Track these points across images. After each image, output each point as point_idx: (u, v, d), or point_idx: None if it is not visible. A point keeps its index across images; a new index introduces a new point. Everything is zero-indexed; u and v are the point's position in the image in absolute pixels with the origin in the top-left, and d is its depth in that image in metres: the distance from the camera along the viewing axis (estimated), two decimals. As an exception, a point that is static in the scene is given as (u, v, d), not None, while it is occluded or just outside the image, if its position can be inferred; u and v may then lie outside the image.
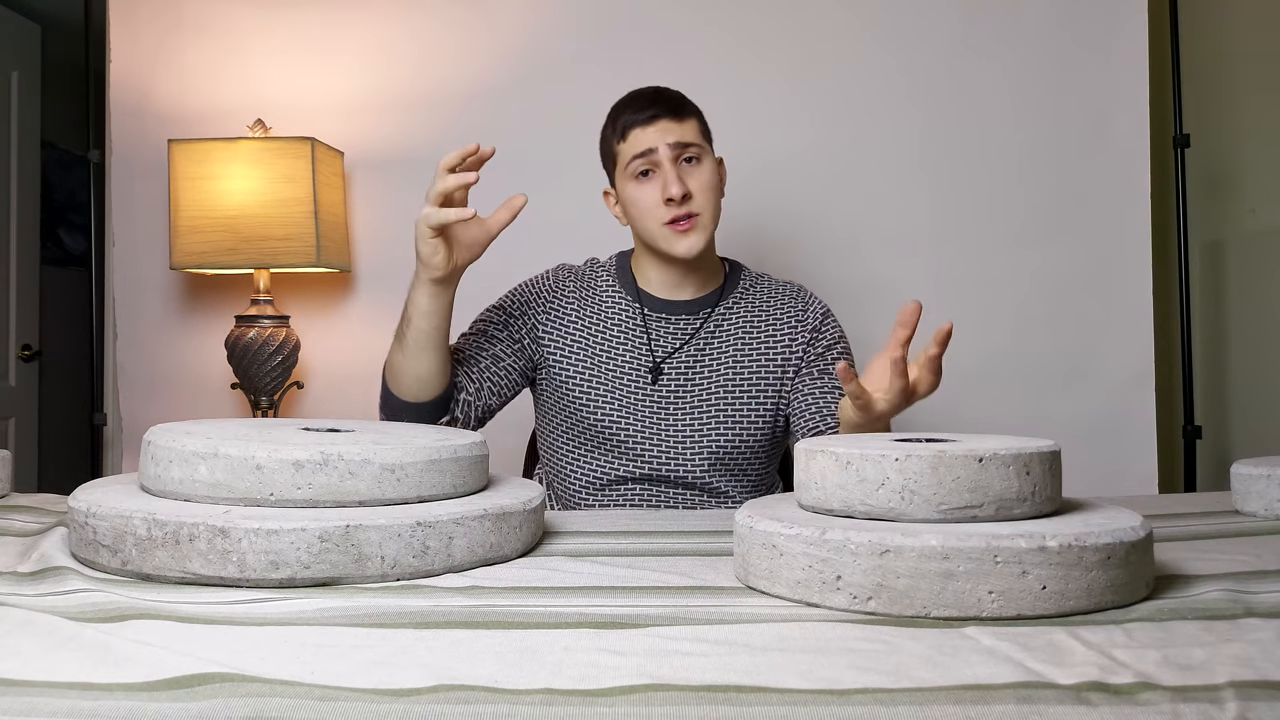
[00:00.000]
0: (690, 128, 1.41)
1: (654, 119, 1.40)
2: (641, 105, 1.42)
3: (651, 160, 1.39)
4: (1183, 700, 0.57)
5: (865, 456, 0.80)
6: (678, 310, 1.47)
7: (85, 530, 0.85)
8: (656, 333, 1.45)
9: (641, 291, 1.48)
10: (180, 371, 2.25)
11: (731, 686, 0.60)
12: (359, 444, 0.89)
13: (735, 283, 1.50)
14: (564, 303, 1.48)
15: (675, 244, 1.39)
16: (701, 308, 1.47)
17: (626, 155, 1.41)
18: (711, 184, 1.41)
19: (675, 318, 1.46)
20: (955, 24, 2.19)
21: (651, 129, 1.39)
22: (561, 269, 1.53)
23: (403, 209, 2.23)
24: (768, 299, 1.50)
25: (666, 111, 1.40)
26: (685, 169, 1.39)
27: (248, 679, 0.60)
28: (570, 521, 1.15)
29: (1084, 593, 0.73)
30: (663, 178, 1.38)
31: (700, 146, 1.41)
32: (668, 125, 1.39)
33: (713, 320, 1.46)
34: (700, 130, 1.43)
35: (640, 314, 1.47)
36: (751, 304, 1.49)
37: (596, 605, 0.76)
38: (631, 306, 1.47)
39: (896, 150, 2.20)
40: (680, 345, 1.45)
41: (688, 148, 1.40)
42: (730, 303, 1.48)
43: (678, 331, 1.46)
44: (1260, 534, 1.03)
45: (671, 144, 1.38)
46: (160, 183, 2.18)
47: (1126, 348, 2.17)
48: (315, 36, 2.25)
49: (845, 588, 0.74)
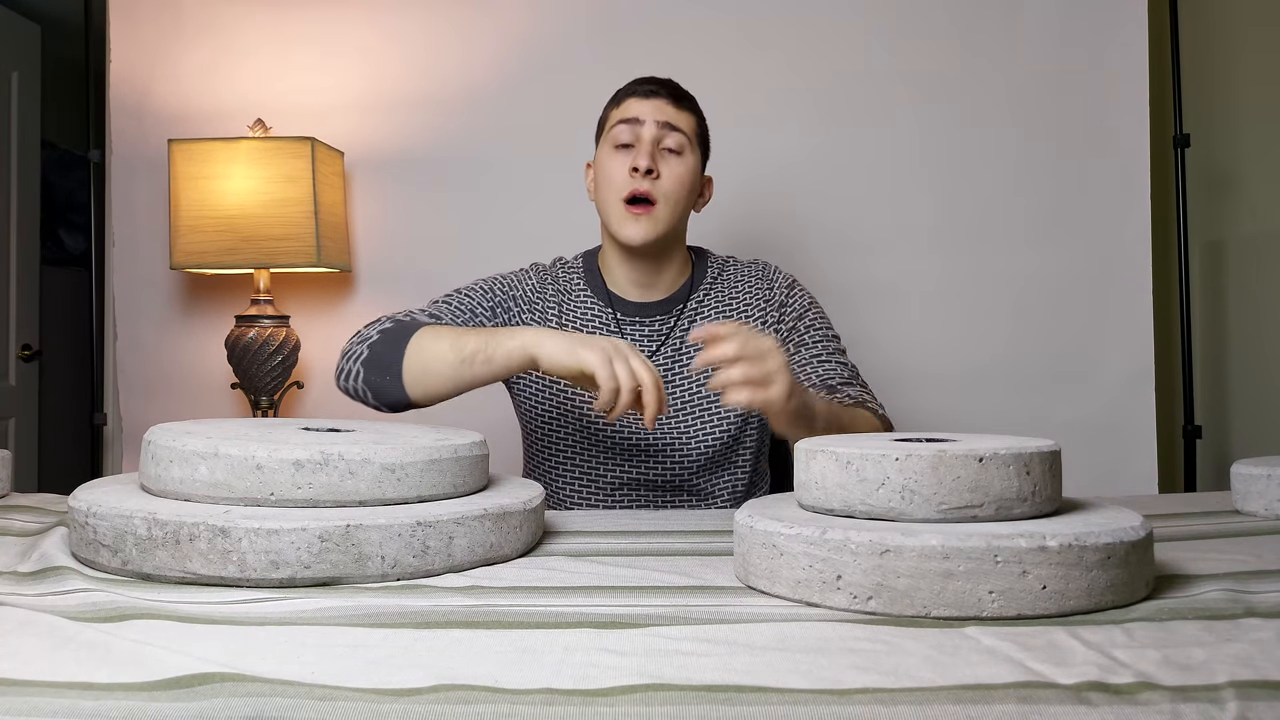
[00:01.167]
0: (685, 119, 1.40)
1: (653, 95, 1.39)
2: (647, 82, 1.42)
3: (635, 132, 1.37)
4: (1183, 700, 0.57)
5: (865, 456, 0.80)
6: (651, 312, 1.43)
7: (85, 530, 0.85)
8: (632, 338, 1.42)
9: (612, 294, 1.45)
10: (180, 371, 2.25)
11: (731, 686, 0.60)
12: (359, 444, 0.89)
13: (703, 274, 1.47)
14: (546, 308, 1.44)
15: (624, 226, 1.36)
16: (674, 305, 1.44)
17: (614, 119, 1.40)
18: (682, 180, 1.38)
19: (649, 319, 1.43)
20: (955, 24, 2.19)
21: (647, 102, 1.38)
22: (537, 269, 1.49)
23: (403, 209, 2.23)
24: (735, 284, 1.47)
25: (668, 94, 1.40)
26: (663, 155, 1.37)
27: (248, 679, 0.60)
28: (570, 521, 1.15)
29: (1084, 593, 0.73)
30: (637, 150, 1.36)
31: (687, 140, 1.39)
32: (663, 105, 1.38)
33: (685, 317, 1.43)
34: (694, 128, 1.41)
35: (614, 319, 1.43)
36: (721, 293, 1.46)
37: (596, 605, 0.76)
38: (604, 312, 1.44)
39: (896, 150, 2.19)
40: (657, 348, 1.42)
41: (673, 132, 1.37)
42: (700, 295, 1.45)
43: (653, 334, 1.43)
44: (1260, 534, 1.04)
45: (660, 122, 1.37)
46: (160, 183, 2.18)
47: (1126, 348, 2.17)
48: (315, 36, 2.25)
49: (845, 587, 0.74)
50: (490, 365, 1.21)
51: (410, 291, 2.20)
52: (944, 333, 2.19)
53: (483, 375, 1.22)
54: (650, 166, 1.35)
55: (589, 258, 1.50)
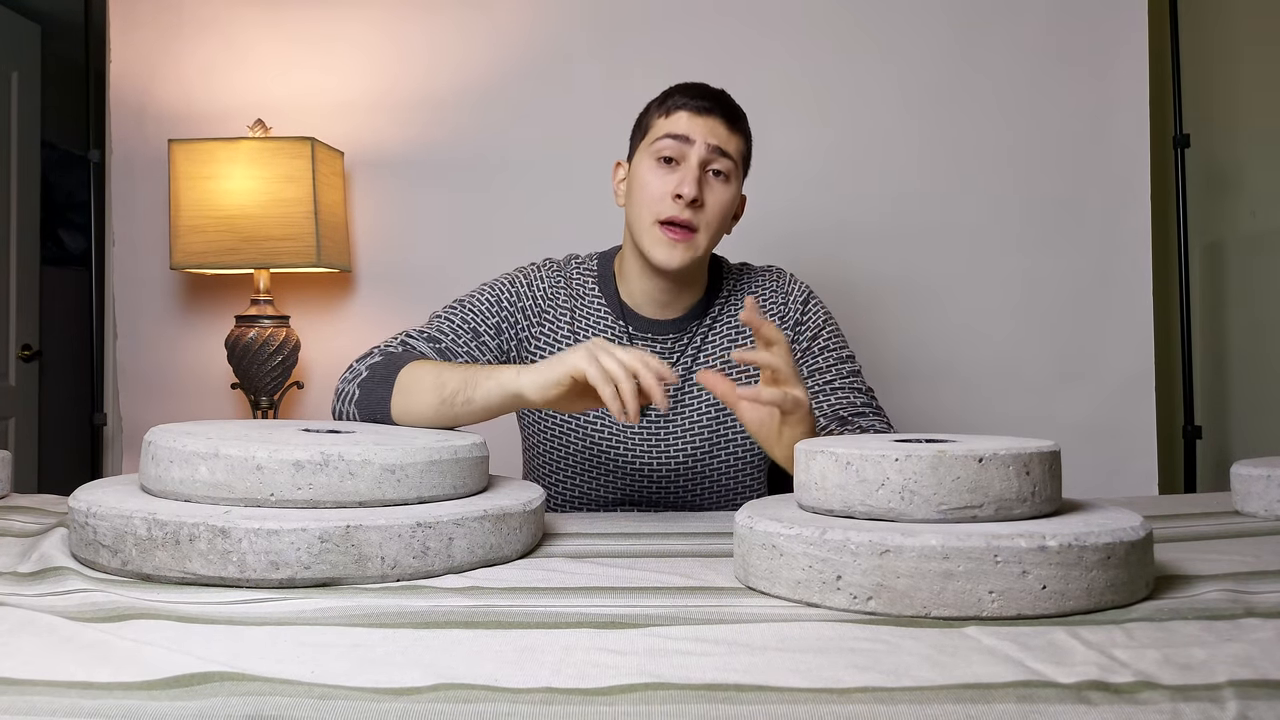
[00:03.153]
0: (736, 143, 1.31)
1: (709, 112, 1.29)
2: (703, 94, 1.31)
3: (682, 149, 1.28)
4: (1183, 700, 0.57)
5: (865, 456, 0.80)
6: (664, 330, 1.37)
7: (85, 530, 0.85)
8: None
9: (625, 307, 1.37)
10: (180, 371, 2.25)
11: (731, 686, 0.60)
12: (359, 445, 0.89)
13: (718, 288, 1.40)
14: (558, 314, 1.38)
15: (657, 249, 1.28)
16: (689, 322, 1.38)
17: (661, 130, 1.30)
18: (724, 209, 1.31)
19: (662, 336, 1.37)
20: (955, 24, 2.19)
21: (701, 120, 1.29)
22: (549, 266, 1.41)
23: (403, 209, 2.23)
24: (750, 291, 1.41)
25: (724, 113, 1.31)
26: (708, 180, 1.29)
27: (248, 678, 0.60)
28: (570, 522, 1.15)
29: (1084, 593, 0.73)
30: (683, 173, 1.28)
31: (734, 166, 1.31)
32: (717, 126, 1.29)
33: (699, 334, 1.38)
34: (743, 152, 1.34)
35: (625, 334, 1.37)
36: (735, 308, 1.40)
37: (596, 605, 0.76)
38: (615, 324, 1.37)
39: (896, 149, 2.19)
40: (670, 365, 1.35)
41: (723, 158, 1.29)
42: (715, 311, 1.39)
43: (665, 353, 1.37)
44: (1260, 534, 1.04)
45: (712, 145, 1.28)
46: (160, 183, 2.18)
47: (1126, 348, 2.17)
48: (315, 36, 2.25)
49: (845, 588, 0.74)
50: (470, 406, 1.13)
51: (410, 291, 2.20)
52: (944, 333, 2.19)
53: (464, 416, 1.14)
54: (696, 195, 1.26)
55: (605, 261, 1.42)
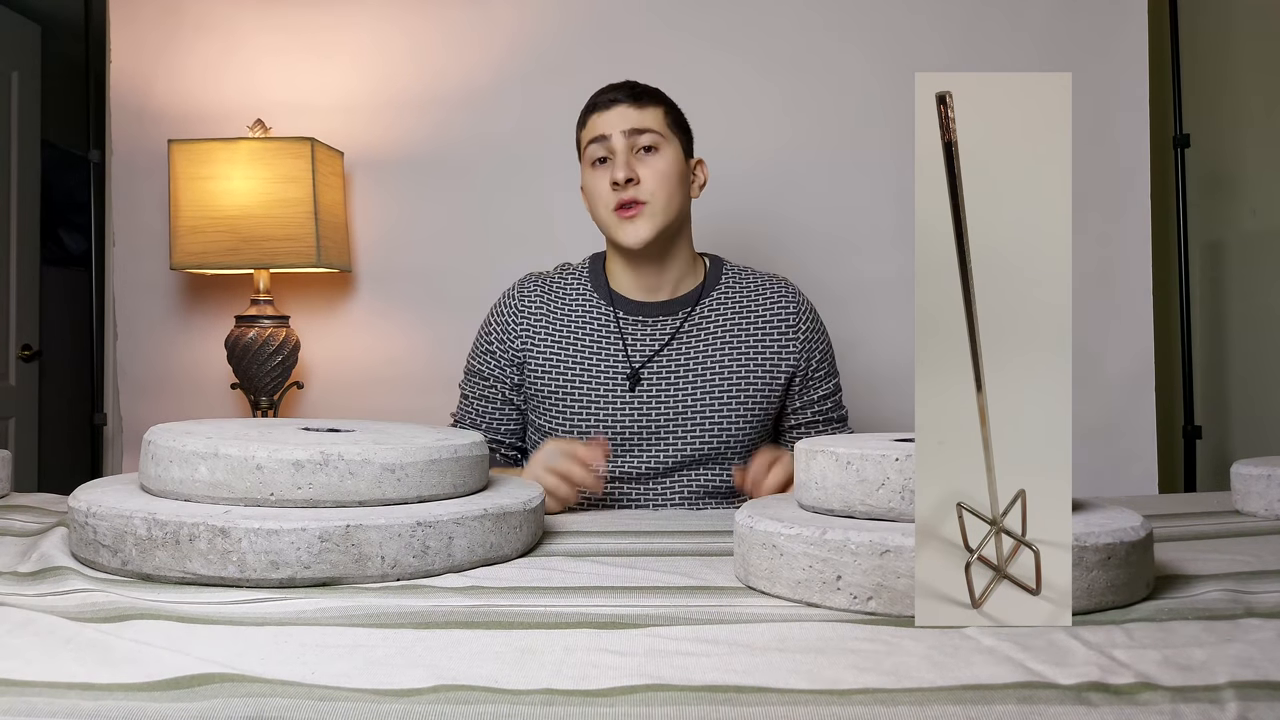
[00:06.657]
0: (651, 115, 1.40)
1: (613, 104, 1.40)
2: (605, 92, 1.42)
3: (607, 147, 1.38)
4: (1183, 700, 0.57)
5: (865, 456, 0.80)
6: (654, 312, 1.42)
7: (85, 530, 0.85)
8: (632, 337, 1.41)
9: (615, 294, 1.44)
10: (180, 371, 2.25)
11: (731, 686, 0.60)
12: (359, 444, 0.89)
13: (717, 280, 1.45)
14: (533, 318, 1.43)
15: (620, 231, 1.37)
16: (680, 308, 1.42)
17: (585, 140, 1.42)
18: (667, 174, 1.38)
19: (652, 320, 1.42)
20: (955, 24, 2.19)
21: (609, 113, 1.39)
22: (526, 281, 1.48)
23: (403, 209, 2.23)
24: (754, 295, 1.45)
25: (627, 98, 1.40)
26: (640, 157, 1.38)
27: (248, 679, 0.60)
28: (570, 521, 1.15)
29: (1084, 593, 0.73)
30: (613, 164, 1.37)
31: (660, 135, 1.39)
32: (625, 111, 1.39)
33: (692, 321, 1.42)
34: (665, 120, 1.41)
35: (614, 318, 1.42)
36: (736, 302, 1.44)
37: (596, 605, 0.76)
38: (605, 311, 1.43)
39: (896, 149, 2.19)
40: (659, 349, 1.40)
41: (643, 134, 1.38)
42: (712, 301, 1.43)
43: (655, 335, 1.41)
44: (1260, 534, 1.04)
45: (626, 130, 1.37)
46: (160, 183, 2.18)
47: (1126, 348, 2.17)
48: (315, 36, 2.24)
49: (845, 588, 0.74)
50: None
51: (410, 292, 2.20)
52: (944, 333, 2.18)
53: None
54: (628, 175, 1.36)
55: (595, 261, 1.49)
